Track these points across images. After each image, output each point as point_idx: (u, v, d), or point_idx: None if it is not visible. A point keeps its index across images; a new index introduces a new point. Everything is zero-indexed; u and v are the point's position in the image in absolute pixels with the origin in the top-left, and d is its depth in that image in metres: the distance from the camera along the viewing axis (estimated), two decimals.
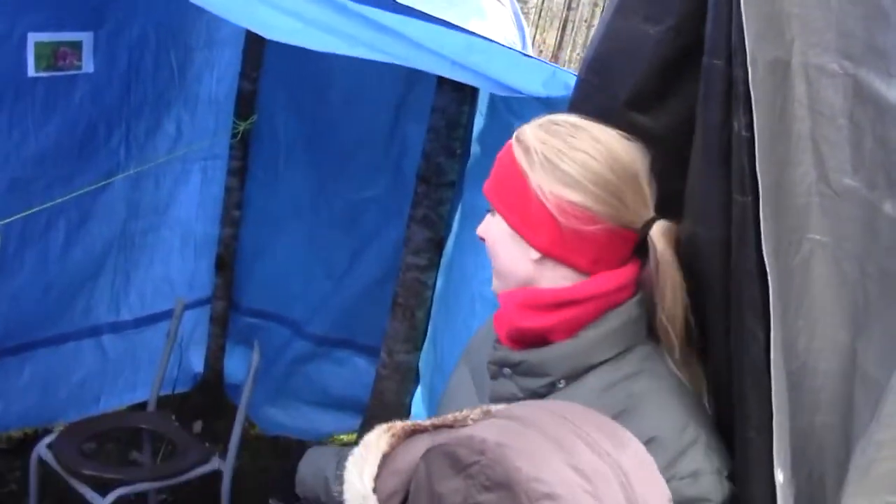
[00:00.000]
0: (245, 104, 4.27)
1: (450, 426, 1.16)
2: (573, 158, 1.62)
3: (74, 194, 3.71)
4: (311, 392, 4.45)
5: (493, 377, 1.75)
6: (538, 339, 1.67)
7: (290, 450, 2.41)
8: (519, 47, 3.26)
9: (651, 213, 1.65)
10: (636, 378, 1.62)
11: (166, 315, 4.23)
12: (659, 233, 1.63)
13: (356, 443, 1.23)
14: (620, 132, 1.67)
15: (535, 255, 1.66)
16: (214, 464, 3.56)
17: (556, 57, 10.78)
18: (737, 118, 1.48)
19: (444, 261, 3.72)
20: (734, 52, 1.48)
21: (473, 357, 1.94)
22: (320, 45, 2.33)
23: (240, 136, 4.28)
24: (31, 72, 3.48)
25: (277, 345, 4.47)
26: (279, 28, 2.33)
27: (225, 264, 4.58)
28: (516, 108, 2.57)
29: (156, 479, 3.49)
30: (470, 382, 1.88)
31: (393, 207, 4.03)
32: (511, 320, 1.70)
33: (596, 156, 1.62)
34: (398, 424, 1.15)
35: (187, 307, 4.27)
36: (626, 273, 1.66)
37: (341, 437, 4.50)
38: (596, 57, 1.81)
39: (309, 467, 2.42)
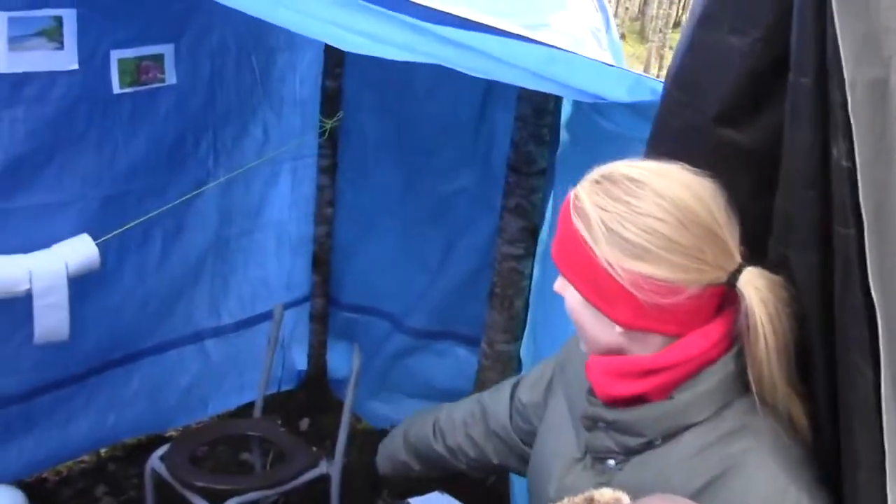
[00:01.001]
0: (330, 102, 4.26)
1: None
2: (638, 225, 1.48)
3: (167, 207, 3.74)
4: (414, 384, 4.44)
5: (589, 430, 1.69)
6: (632, 400, 1.60)
7: None
8: (602, 31, 3.18)
9: (737, 262, 1.51)
10: (734, 437, 1.51)
11: (266, 316, 4.27)
12: (747, 282, 1.49)
13: None
14: (686, 168, 1.53)
15: (619, 328, 1.56)
16: (323, 468, 3.59)
17: (642, 12, 10.59)
18: (836, 146, 1.37)
19: (539, 249, 3.67)
20: (830, 75, 1.38)
21: (567, 376, 1.88)
22: (397, 56, 2.29)
23: (327, 134, 4.27)
24: (117, 89, 3.51)
25: (378, 339, 4.50)
26: (354, 42, 2.30)
27: (321, 262, 4.60)
28: (601, 107, 2.49)
29: (266, 488, 3.51)
30: (566, 416, 1.82)
31: (484, 197, 3.99)
32: (601, 386, 1.62)
33: (663, 217, 1.48)
34: None
35: (287, 306, 4.31)
36: (717, 329, 1.54)
37: None
38: (680, 71, 1.71)
39: (385, 460, 2.51)
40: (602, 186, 1.53)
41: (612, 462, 1.64)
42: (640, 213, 1.48)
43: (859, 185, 1.36)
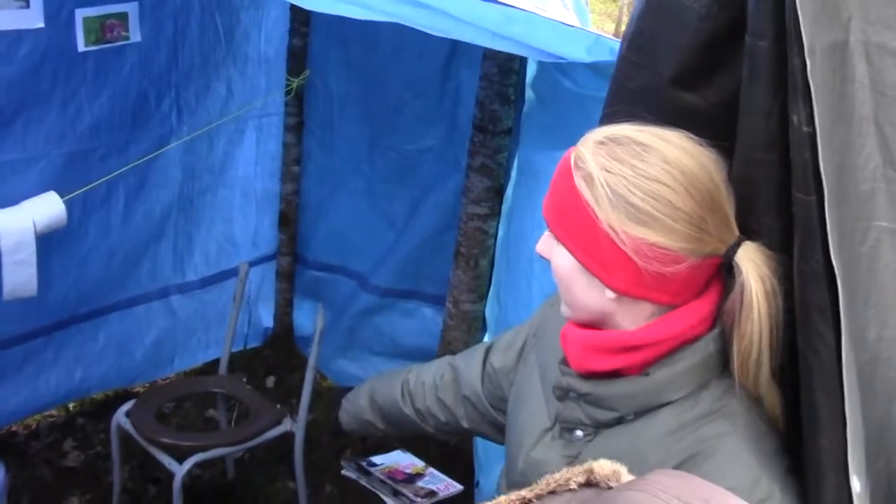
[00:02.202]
0: (297, 60, 4.26)
1: (552, 492, 1.11)
2: (645, 190, 1.44)
3: (134, 164, 3.75)
4: (380, 343, 4.46)
5: (560, 399, 1.65)
6: (607, 373, 1.57)
7: None
8: None
9: (735, 235, 1.48)
10: (708, 420, 1.48)
11: (232, 273, 4.26)
12: (745, 257, 1.46)
13: None
14: (687, 136, 1.49)
15: (612, 294, 1.52)
16: (287, 425, 3.60)
17: None
18: (796, 112, 1.37)
19: (504, 208, 3.68)
20: (789, 40, 1.38)
21: (541, 343, 1.84)
22: (356, 15, 2.29)
23: (293, 92, 4.26)
24: (81, 47, 3.50)
25: (344, 297, 4.51)
26: (314, 1, 2.32)
27: (288, 220, 4.60)
28: (564, 67, 2.50)
29: (229, 445, 3.54)
30: (538, 384, 1.78)
31: (450, 156, 4.00)
32: (577, 359, 1.59)
33: (670, 183, 1.44)
34: (502, 500, 1.11)
35: (253, 264, 4.33)
36: (704, 306, 1.52)
37: None
38: (636, 33, 1.69)
39: (350, 417, 2.47)
40: (607, 148, 1.49)
41: (580, 433, 1.62)
42: (647, 177, 1.45)
43: (819, 150, 1.35)
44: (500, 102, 3.57)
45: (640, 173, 1.45)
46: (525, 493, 1.09)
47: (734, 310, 1.47)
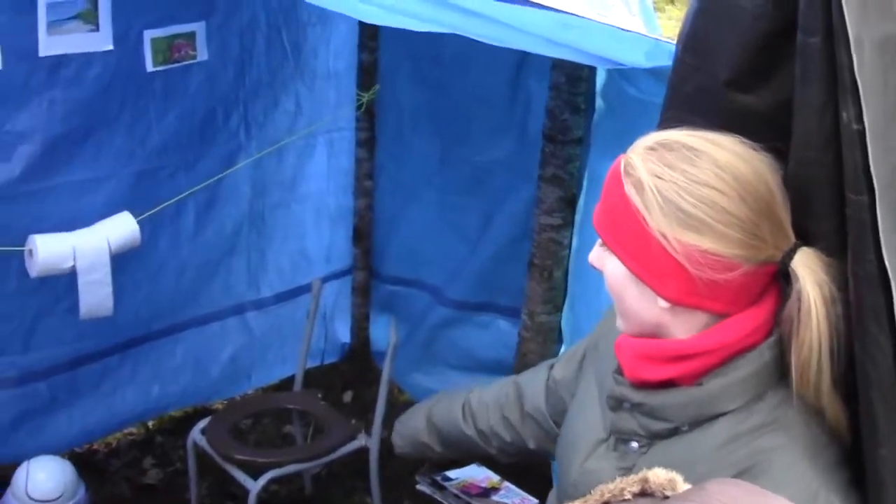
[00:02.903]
0: (367, 75, 4.26)
1: (606, 503, 1.07)
2: (696, 196, 1.41)
3: (204, 184, 3.81)
4: (456, 356, 4.42)
5: (614, 410, 1.62)
6: (661, 384, 1.54)
7: None
8: None
9: (791, 241, 1.45)
10: (764, 431, 1.44)
11: (307, 289, 4.27)
12: (802, 263, 1.42)
13: None
14: (741, 140, 1.46)
15: (665, 304, 1.49)
16: (361, 440, 3.61)
17: None
18: (845, 109, 1.33)
19: (577, 219, 3.63)
20: (836, 35, 1.33)
21: (599, 354, 1.80)
22: (409, 26, 2.31)
23: (364, 107, 4.26)
24: (150, 67, 3.57)
25: (419, 311, 4.48)
26: (372, 14, 2.31)
27: (362, 235, 4.59)
28: (628, 74, 2.45)
29: (304, 461, 3.55)
30: (595, 395, 1.74)
31: (521, 167, 3.94)
32: (631, 369, 1.56)
33: (723, 188, 1.41)
34: None
35: (328, 279, 4.35)
36: (760, 314, 1.47)
37: None
38: (690, 35, 1.65)
39: (404, 440, 2.45)
40: (657, 153, 1.47)
41: (635, 445, 1.59)
42: (699, 182, 1.42)
43: (869, 146, 1.31)
44: (570, 112, 3.52)
45: (691, 178, 1.43)
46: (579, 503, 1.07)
47: (792, 318, 1.43)
